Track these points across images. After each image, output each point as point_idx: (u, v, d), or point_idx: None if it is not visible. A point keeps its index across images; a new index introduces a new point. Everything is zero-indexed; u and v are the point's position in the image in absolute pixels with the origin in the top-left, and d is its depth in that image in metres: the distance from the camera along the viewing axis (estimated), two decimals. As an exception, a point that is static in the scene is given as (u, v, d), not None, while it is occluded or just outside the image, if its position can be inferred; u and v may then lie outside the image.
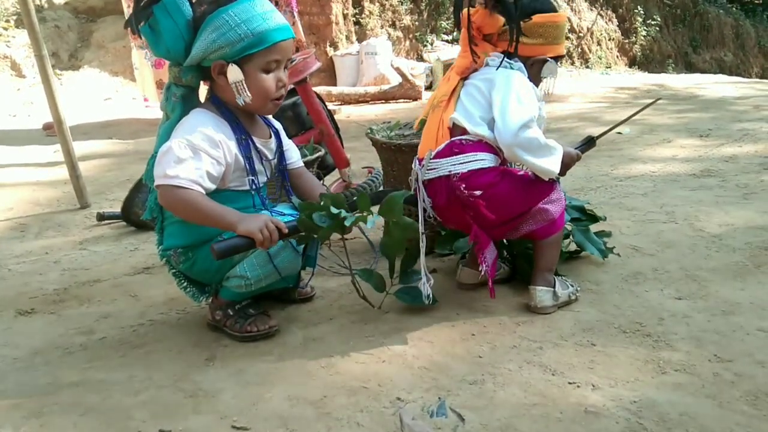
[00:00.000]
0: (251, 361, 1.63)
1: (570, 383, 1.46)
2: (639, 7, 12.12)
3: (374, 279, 1.85)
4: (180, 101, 1.64)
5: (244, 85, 1.57)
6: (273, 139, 1.77)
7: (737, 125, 4.87)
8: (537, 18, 1.79)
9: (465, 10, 1.76)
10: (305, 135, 2.90)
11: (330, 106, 6.52)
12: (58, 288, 2.18)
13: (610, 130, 2.17)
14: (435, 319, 1.81)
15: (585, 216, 2.18)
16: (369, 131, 2.37)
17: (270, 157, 1.73)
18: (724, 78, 9.91)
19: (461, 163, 1.74)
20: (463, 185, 1.72)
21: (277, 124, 1.84)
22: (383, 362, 1.60)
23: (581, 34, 11.03)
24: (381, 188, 2.99)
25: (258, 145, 1.68)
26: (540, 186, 1.78)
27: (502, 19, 1.78)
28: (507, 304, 1.88)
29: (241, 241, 1.54)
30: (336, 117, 5.95)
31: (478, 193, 1.72)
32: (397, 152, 2.24)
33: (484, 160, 1.75)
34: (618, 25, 12.00)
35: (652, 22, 12.11)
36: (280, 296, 1.93)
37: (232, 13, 1.52)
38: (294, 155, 1.85)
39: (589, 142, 2.06)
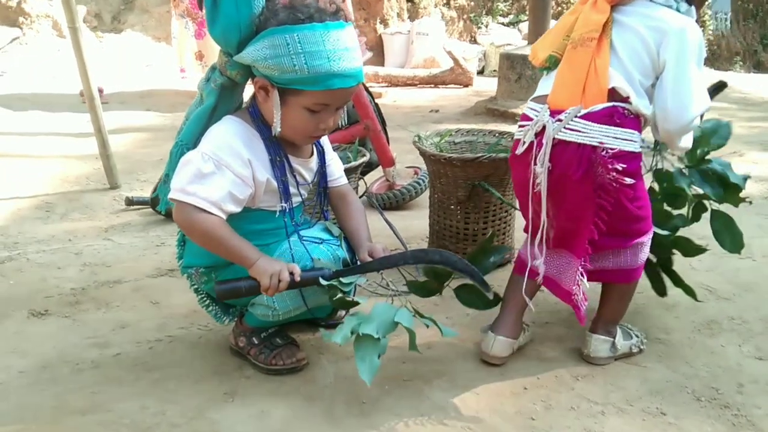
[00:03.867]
0: (275, 401, 1.46)
1: (639, 467, 1.26)
2: (709, -2, 11.47)
3: (425, 289, 1.66)
4: (217, 90, 1.44)
5: (279, 116, 1.37)
6: (314, 158, 1.56)
7: (817, 141, 4.48)
8: None
9: None
10: (350, 129, 2.72)
11: (376, 88, 6.32)
12: (75, 287, 2.04)
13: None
14: (482, 364, 1.61)
15: (723, 188, 1.68)
16: (416, 139, 2.15)
17: (308, 178, 1.53)
18: (798, 83, 9.29)
19: (617, 138, 1.37)
20: (620, 166, 1.37)
21: (324, 141, 1.62)
22: (421, 416, 1.41)
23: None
24: (425, 190, 2.80)
25: (295, 165, 1.48)
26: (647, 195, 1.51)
27: None
28: (564, 351, 1.68)
29: (246, 283, 1.40)
30: (382, 101, 5.75)
31: (629, 181, 1.38)
32: (447, 165, 2.02)
33: (636, 142, 1.40)
34: (685, 18, 11.38)
35: (722, 16, 11.48)
36: (312, 320, 1.75)
37: (296, 37, 1.27)
38: (336, 172, 1.64)
39: (719, 87, 1.73)
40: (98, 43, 7.37)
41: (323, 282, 1.41)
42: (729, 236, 1.72)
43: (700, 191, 1.70)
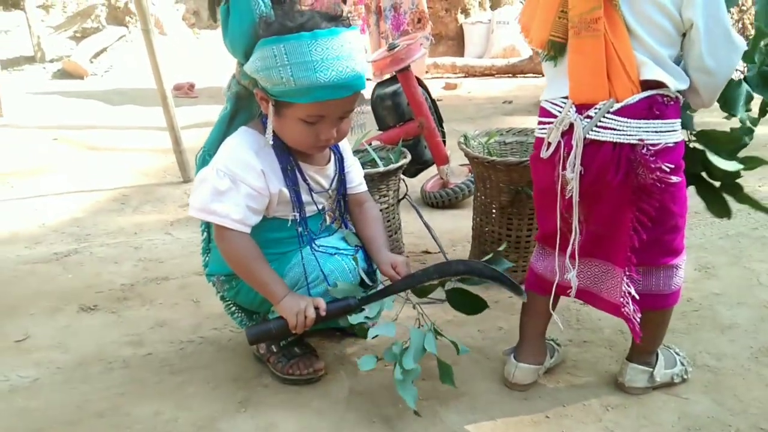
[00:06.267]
0: (286, 413, 1.44)
1: None
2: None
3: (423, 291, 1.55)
4: (233, 99, 1.47)
5: (271, 128, 1.35)
6: (331, 165, 1.52)
7: None
8: None
9: None
10: (403, 127, 2.65)
11: (452, 79, 6.18)
12: (125, 283, 2.12)
13: None
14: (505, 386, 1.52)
15: None
16: (462, 139, 2.06)
17: (325, 186, 1.50)
18: None
19: (658, 132, 1.21)
20: (666, 166, 1.20)
21: (344, 147, 1.58)
22: (431, 441, 1.35)
23: (743, 8, 9.54)
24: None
25: (310, 173, 1.45)
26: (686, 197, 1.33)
27: None
28: (598, 376, 1.55)
29: (275, 325, 1.42)
30: (456, 93, 5.61)
31: (676, 179, 1.22)
32: (490, 168, 1.92)
33: (678, 130, 1.25)
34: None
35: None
36: (331, 329, 1.72)
37: (283, 48, 1.23)
38: (356, 179, 1.59)
39: None
40: (195, 40, 7.69)
41: (352, 320, 1.40)
42: None
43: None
